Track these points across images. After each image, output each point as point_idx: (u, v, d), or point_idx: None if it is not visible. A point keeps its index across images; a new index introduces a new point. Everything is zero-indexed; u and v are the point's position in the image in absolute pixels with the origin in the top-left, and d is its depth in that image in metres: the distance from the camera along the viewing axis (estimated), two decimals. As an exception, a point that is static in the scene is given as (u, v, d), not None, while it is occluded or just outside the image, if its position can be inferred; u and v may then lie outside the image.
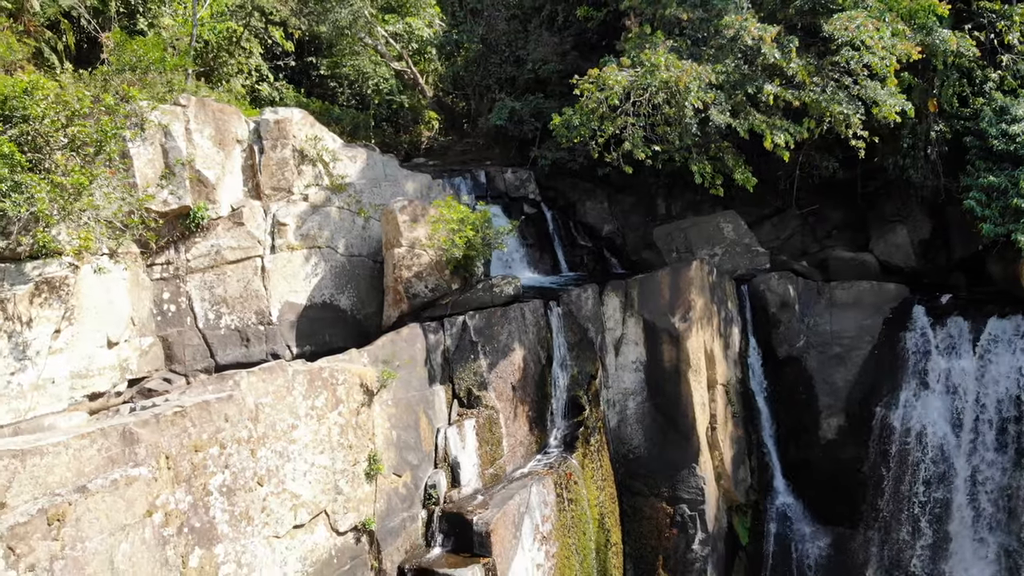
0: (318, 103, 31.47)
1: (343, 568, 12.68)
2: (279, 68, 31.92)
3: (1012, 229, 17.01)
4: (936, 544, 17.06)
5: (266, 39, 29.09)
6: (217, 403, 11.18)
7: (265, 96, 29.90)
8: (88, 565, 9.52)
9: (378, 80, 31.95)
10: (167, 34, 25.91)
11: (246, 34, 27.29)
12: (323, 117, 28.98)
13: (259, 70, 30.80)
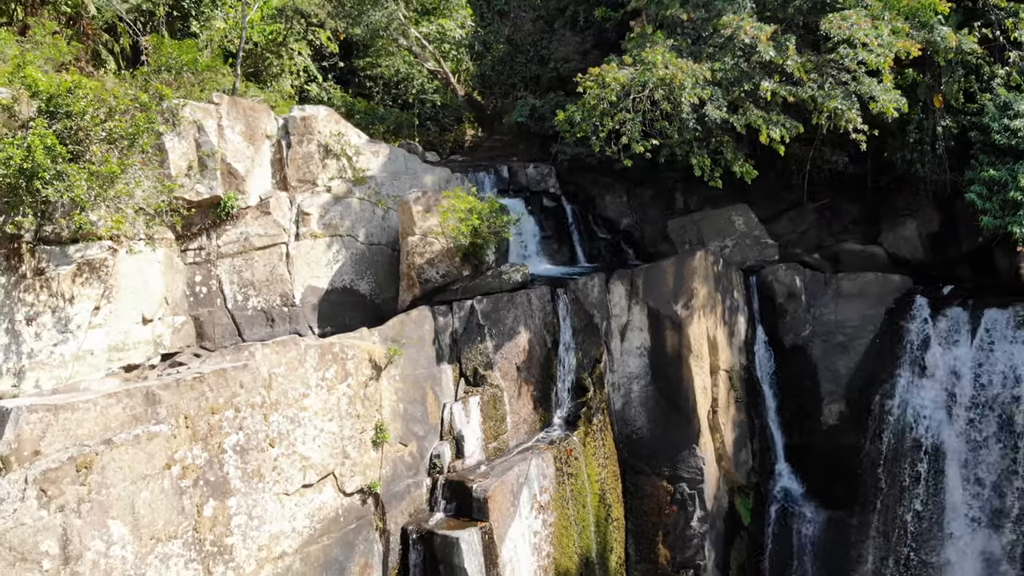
0: (363, 103, 32.82)
1: (349, 526, 13.83)
2: (328, 69, 33.37)
3: (1009, 221, 17.43)
4: (930, 526, 17.55)
5: (314, 41, 30.51)
6: (233, 371, 12.41)
7: (314, 96, 31.36)
8: (112, 508, 10.81)
9: (422, 80, 33.23)
10: (218, 36, 27.50)
11: (292, 36, 28.71)
12: (368, 116, 30.31)
13: (307, 71, 32.28)
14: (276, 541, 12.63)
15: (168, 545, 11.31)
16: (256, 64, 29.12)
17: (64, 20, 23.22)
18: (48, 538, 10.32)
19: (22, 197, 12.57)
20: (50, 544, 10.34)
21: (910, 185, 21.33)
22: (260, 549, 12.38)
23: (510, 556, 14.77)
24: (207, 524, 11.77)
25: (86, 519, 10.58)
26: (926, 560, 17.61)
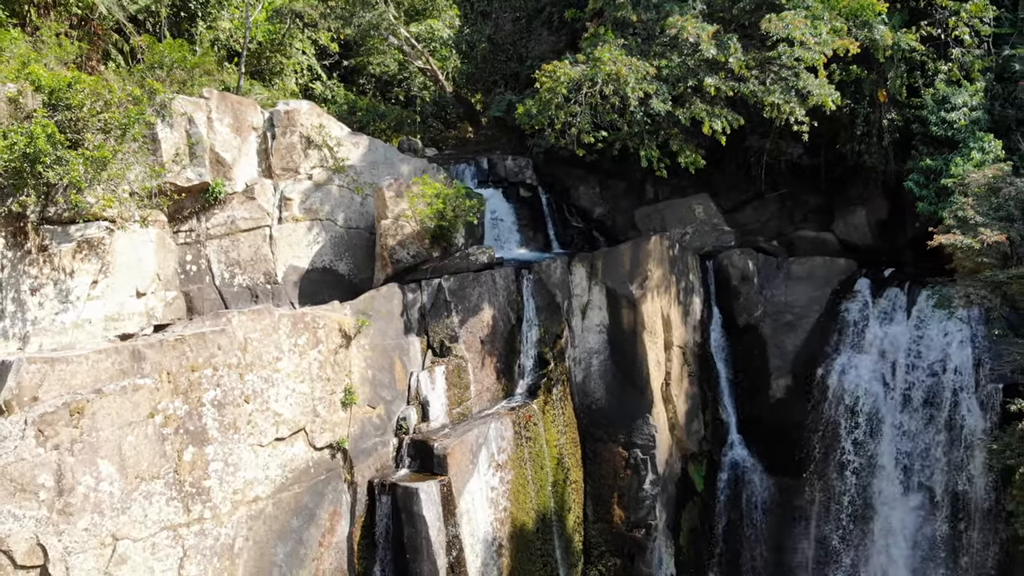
0: (366, 100, 34.30)
1: (319, 477, 15.36)
2: (333, 68, 34.80)
3: (941, 207, 18.74)
4: (865, 489, 18.90)
5: (317, 40, 31.94)
6: (212, 334, 13.98)
7: (318, 94, 32.79)
8: (101, 449, 12.38)
9: (416, 78, 34.69)
10: (224, 36, 29.07)
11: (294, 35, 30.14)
12: (369, 114, 31.70)
13: (312, 69, 33.79)
14: (250, 486, 14.17)
15: (151, 484, 12.88)
16: (259, 63, 30.60)
17: (75, 21, 24.81)
18: (44, 472, 11.91)
19: (26, 179, 14.16)
20: (46, 478, 11.93)
21: (861, 176, 22.67)
22: (235, 493, 13.92)
23: (467, 507, 16.26)
24: (187, 468, 13.33)
25: (78, 457, 12.16)
26: (861, 519, 18.94)
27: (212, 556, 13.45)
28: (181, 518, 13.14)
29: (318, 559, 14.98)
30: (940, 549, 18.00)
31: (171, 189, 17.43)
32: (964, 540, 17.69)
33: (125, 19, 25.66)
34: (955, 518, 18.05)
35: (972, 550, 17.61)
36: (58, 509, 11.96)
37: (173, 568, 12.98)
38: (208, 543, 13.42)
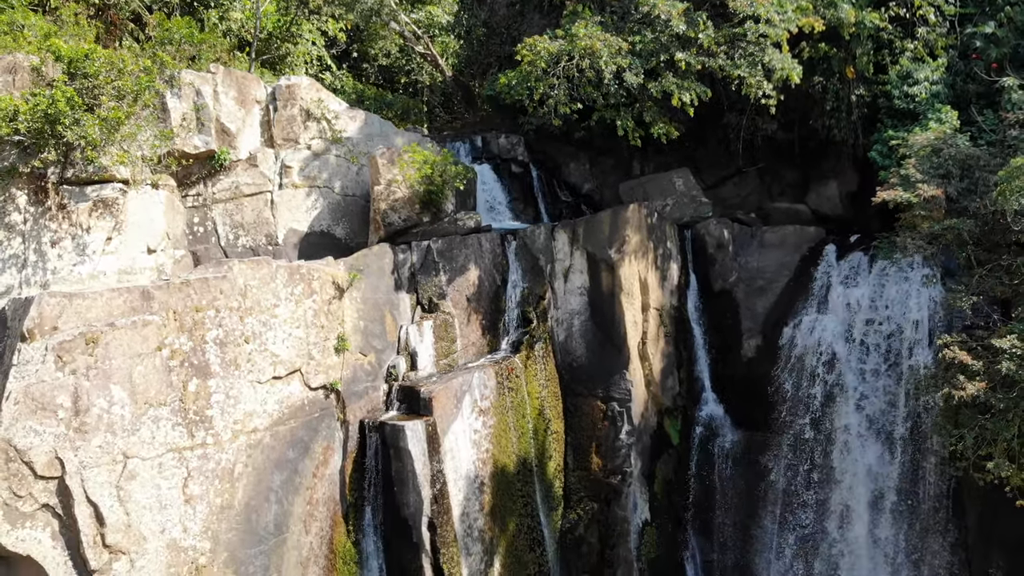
0: (374, 90, 35.65)
1: (313, 415, 16.75)
2: (341, 60, 36.14)
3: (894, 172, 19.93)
4: (828, 441, 20.12)
5: (327, 32, 33.29)
6: (214, 279, 15.40)
7: (328, 84, 34.15)
8: (113, 376, 13.82)
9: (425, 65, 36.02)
10: (235, 26, 30.50)
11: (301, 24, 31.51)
12: (377, 102, 33.01)
13: (321, 60, 35.20)
14: (249, 418, 15.58)
15: (158, 410, 14.31)
16: (269, 51, 32.02)
17: (93, 12, 26.31)
18: (62, 394, 13.36)
19: (47, 139, 15.65)
20: (64, 399, 13.38)
21: (833, 150, 23.91)
22: (236, 423, 15.34)
23: (451, 446, 17.62)
24: (191, 397, 14.75)
25: (93, 382, 13.60)
26: (824, 468, 20.16)
27: (213, 478, 14.87)
28: (185, 442, 14.56)
29: (312, 488, 16.37)
30: (898, 486, 19.16)
31: (179, 155, 18.88)
32: (920, 476, 18.84)
33: (142, 7, 27.19)
34: (913, 461, 19.20)
35: (928, 486, 18.78)
36: (74, 427, 13.40)
37: (178, 486, 14.41)
38: (210, 466, 14.84)
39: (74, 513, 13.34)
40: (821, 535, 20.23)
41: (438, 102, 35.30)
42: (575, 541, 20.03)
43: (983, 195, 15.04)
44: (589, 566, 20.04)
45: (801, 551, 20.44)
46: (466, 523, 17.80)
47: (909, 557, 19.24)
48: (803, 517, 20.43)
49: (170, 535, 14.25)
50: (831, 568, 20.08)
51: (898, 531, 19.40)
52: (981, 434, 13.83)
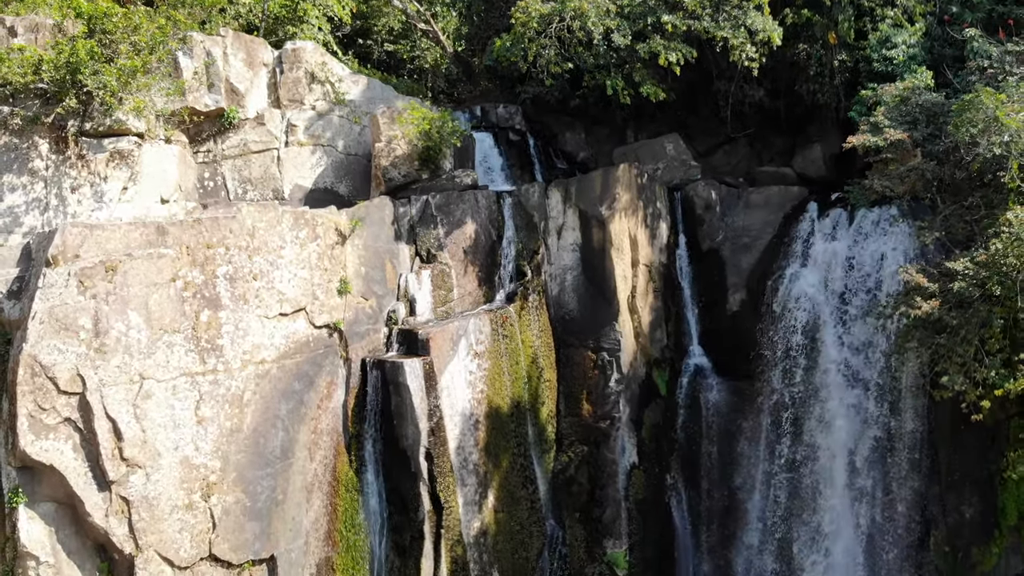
0: (379, 74, 36.61)
1: (318, 351, 17.77)
2: (347, 46, 37.02)
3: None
4: (808, 387, 21.06)
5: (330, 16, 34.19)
6: (224, 219, 16.45)
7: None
8: (131, 302, 14.88)
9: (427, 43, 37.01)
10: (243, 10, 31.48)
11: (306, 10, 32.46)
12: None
13: (328, 45, 36.20)
14: (257, 350, 16.61)
15: (172, 336, 15.36)
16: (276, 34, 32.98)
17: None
18: (84, 316, 14.41)
19: (68, 88, 16.71)
20: (85, 321, 14.43)
21: (818, 115, 24.85)
22: (245, 353, 16.37)
23: (447, 384, 18.64)
24: (203, 327, 15.79)
25: (112, 306, 14.65)
26: (804, 413, 21.10)
27: (224, 403, 15.92)
28: (198, 367, 15.61)
29: (316, 419, 17.40)
30: (875, 426, 20.10)
31: (191, 112, 19.93)
32: (896, 416, 19.78)
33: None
34: (890, 402, 20.12)
35: (903, 425, 19.73)
36: (95, 348, 14.46)
37: (190, 408, 15.45)
38: (221, 391, 15.89)
39: (94, 427, 14.39)
40: (803, 478, 21.15)
41: (441, 84, 36.32)
42: (566, 481, 21.03)
43: (946, 138, 15.93)
44: (579, 505, 21.03)
45: (784, 493, 21.37)
46: (461, 456, 18.81)
47: (887, 495, 20.17)
48: (786, 462, 21.37)
49: (183, 453, 15.30)
50: (812, 509, 21.01)
51: (875, 470, 20.32)
52: (937, 351, 14.75)
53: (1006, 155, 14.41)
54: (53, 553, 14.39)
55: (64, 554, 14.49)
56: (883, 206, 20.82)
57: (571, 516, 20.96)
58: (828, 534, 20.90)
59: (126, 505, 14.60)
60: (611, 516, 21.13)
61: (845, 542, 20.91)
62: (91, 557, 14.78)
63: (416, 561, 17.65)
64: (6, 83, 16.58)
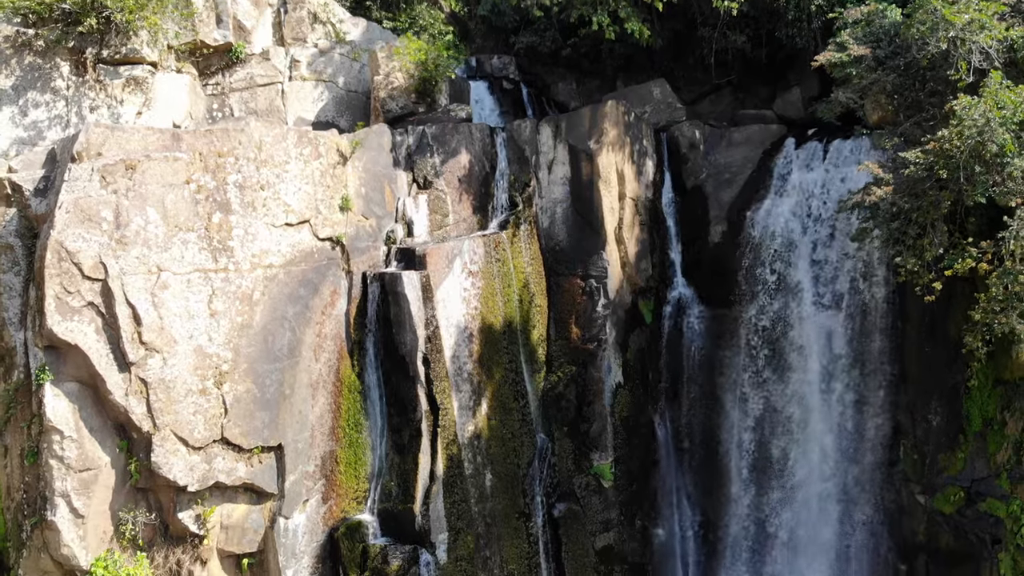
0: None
1: (322, 262, 18.91)
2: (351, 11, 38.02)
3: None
4: (784, 308, 22.25)
5: None
6: (234, 131, 17.59)
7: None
8: (148, 199, 16.02)
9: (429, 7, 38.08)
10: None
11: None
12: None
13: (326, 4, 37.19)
14: (265, 255, 17.75)
15: (187, 235, 16.51)
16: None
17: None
18: (106, 208, 15.56)
19: (88, 10, 17.84)
20: (107, 213, 15.58)
21: (799, 61, 26.00)
22: (253, 256, 17.51)
23: (443, 297, 19.80)
24: (215, 228, 16.94)
25: (131, 202, 15.80)
26: (780, 334, 22.29)
27: (235, 299, 17.06)
28: (210, 264, 16.76)
29: (321, 323, 18.53)
30: (846, 344, 21.30)
31: (200, 45, 21.08)
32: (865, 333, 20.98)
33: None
34: (861, 327, 21.32)
35: (872, 342, 20.93)
36: (116, 238, 15.61)
37: (203, 301, 16.60)
38: (232, 289, 17.04)
39: (115, 312, 15.53)
40: (779, 396, 22.35)
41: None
42: (556, 397, 22.18)
43: (905, 52, 17.09)
44: (568, 420, 22.19)
45: (761, 412, 22.57)
46: (456, 364, 19.98)
47: (859, 407, 21.35)
48: (763, 381, 22.56)
49: (197, 341, 16.45)
50: (788, 424, 22.21)
51: (848, 386, 21.51)
52: (891, 235, 15.91)
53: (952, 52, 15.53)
54: (76, 429, 15.52)
55: (86, 431, 15.61)
56: (856, 139, 22.02)
57: (560, 430, 22.11)
58: (803, 447, 22.10)
59: (144, 386, 15.74)
60: (597, 430, 22.29)
61: (819, 453, 22.11)
62: (111, 436, 15.90)
63: (414, 457, 18.79)
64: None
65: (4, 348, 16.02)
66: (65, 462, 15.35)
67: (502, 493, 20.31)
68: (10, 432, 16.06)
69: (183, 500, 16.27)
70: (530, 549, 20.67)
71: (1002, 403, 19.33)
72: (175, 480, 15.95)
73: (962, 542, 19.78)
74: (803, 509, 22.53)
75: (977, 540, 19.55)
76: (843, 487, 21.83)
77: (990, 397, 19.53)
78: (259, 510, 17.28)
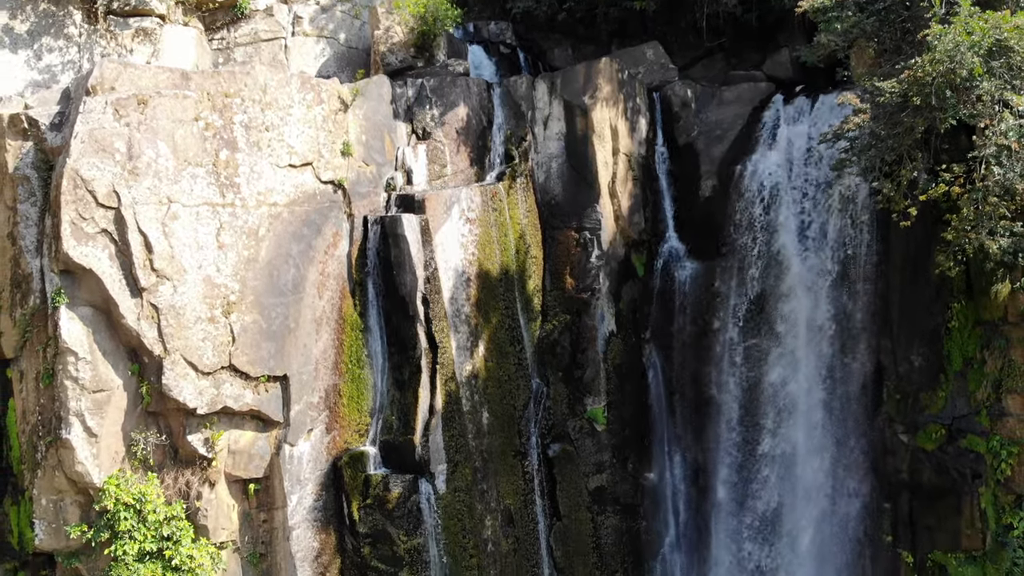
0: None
1: (324, 204, 19.57)
2: None
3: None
4: (770, 258, 22.94)
5: None
6: (240, 74, 18.26)
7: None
8: (159, 133, 16.69)
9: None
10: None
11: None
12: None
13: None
14: (270, 193, 18.42)
15: (196, 169, 17.18)
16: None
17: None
18: (118, 140, 16.23)
19: (100, -43, 18.55)
20: (120, 145, 16.25)
21: (788, 23, 26.72)
22: (259, 194, 18.18)
23: (441, 241, 20.48)
24: (222, 164, 17.61)
25: (143, 135, 16.47)
26: (768, 284, 22.98)
27: (241, 234, 17.74)
28: (218, 199, 17.44)
29: (324, 263, 19.20)
30: (832, 289, 22.01)
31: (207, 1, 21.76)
32: (849, 280, 21.71)
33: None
34: (846, 273, 22.03)
35: (857, 290, 21.65)
36: (128, 169, 16.28)
37: (212, 234, 17.28)
38: (239, 223, 17.71)
39: (128, 239, 16.20)
40: (766, 344, 23.04)
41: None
42: (551, 344, 22.87)
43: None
44: (562, 366, 22.87)
45: (749, 360, 23.26)
46: (455, 306, 20.67)
47: (844, 350, 22.05)
48: (751, 331, 23.23)
49: (206, 272, 17.13)
50: (775, 370, 22.91)
51: (833, 330, 22.19)
52: (871, 163, 16.62)
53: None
54: (90, 351, 16.19)
55: (100, 354, 16.30)
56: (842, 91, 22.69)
57: (555, 375, 22.79)
58: (789, 391, 22.80)
59: (155, 312, 16.42)
60: (591, 376, 23.00)
61: (805, 401, 22.80)
62: (124, 359, 16.59)
63: (414, 392, 19.47)
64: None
65: (21, 275, 16.68)
66: (79, 382, 16.02)
67: (498, 431, 20.99)
68: (26, 357, 16.73)
69: (192, 423, 16.94)
70: (525, 486, 21.37)
71: (982, 343, 20.05)
72: (185, 402, 16.62)
73: (943, 478, 20.49)
74: (790, 455, 23.24)
75: (958, 475, 20.28)
76: (830, 432, 22.51)
77: (970, 337, 20.25)
78: (265, 438, 17.95)
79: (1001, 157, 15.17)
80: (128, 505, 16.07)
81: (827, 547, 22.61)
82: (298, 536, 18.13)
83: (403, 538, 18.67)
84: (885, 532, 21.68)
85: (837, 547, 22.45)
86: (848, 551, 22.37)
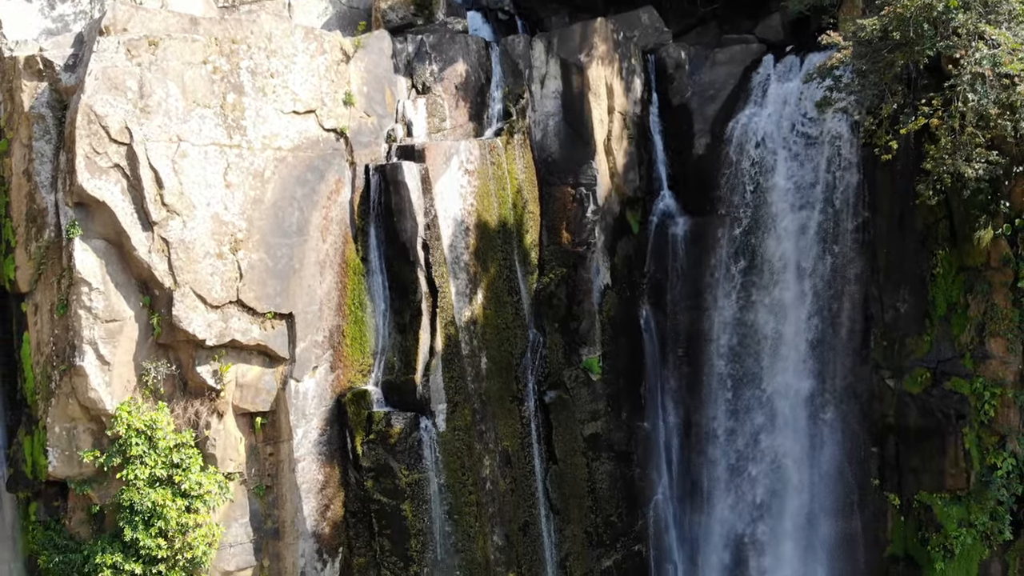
0: None
1: (327, 151, 20.14)
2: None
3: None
4: (761, 211, 23.55)
5: None
6: (246, 21, 18.84)
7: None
8: (169, 74, 17.26)
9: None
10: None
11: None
12: None
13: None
14: (275, 137, 18.99)
15: (204, 111, 17.75)
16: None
17: None
18: (130, 79, 16.80)
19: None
20: (131, 83, 16.82)
21: (782, -11, 27.34)
22: (264, 137, 18.75)
23: (441, 191, 21.07)
24: (229, 107, 18.18)
25: (154, 75, 17.04)
26: (758, 238, 23.60)
27: (248, 175, 18.32)
28: (225, 140, 18.01)
29: (327, 208, 19.79)
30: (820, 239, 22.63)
31: (214, -39, 22.27)
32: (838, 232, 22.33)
33: None
34: (835, 223, 22.65)
35: (845, 239, 22.28)
36: (140, 107, 16.86)
37: (219, 173, 17.86)
38: (245, 164, 18.29)
39: (139, 174, 16.78)
40: (757, 295, 23.66)
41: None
42: (547, 296, 23.46)
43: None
44: (559, 317, 23.47)
45: (740, 311, 23.88)
46: (454, 253, 21.27)
47: (832, 300, 22.67)
48: (742, 281, 23.85)
49: (214, 209, 17.71)
50: (765, 320, 23.53)
51: (823, 280, 22.82)
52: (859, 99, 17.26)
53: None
54: (103, 282, 16.78)
55: (112, 285, 16.88)
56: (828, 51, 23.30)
57: (551, 326, 23.39)
58: (781, 340, 23.42)
59: (166, 245, 17.00)
60: (586, 327, 23.60)
61: (795, 351, 23.42)
62: (135, 292, 17.18)
63: (415, 334, 20.07)
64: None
65: (36, 209, 17.25)
66: (93, 312, 16.60)
67: (496, 376, 21.59)
68: (40, 289, 17.29)
69: (201, 355, 17.53)
70: (523, 430, 21.98)
71: (965, 288, 20.74)
72: (194, 334, 17.21)
73: (929, 419, 21.17)
74: (781, 404, 23.87)
75: (943, 416, 20.96)
76: (819, 378, 23.14)
77: (954, 283, 20.94)
78: (272, 373, 18.55)
79: (976, 84, 15.86)
80: (139, 431, 16.65)
81: (817, 494, 23.26)
82: (303, 468, 18.73)
83: (404, 472, 19.28)
84: (872, 476, 22.32)
85: (826, 492, 23.10)
86: (837, 497, 23.02)
